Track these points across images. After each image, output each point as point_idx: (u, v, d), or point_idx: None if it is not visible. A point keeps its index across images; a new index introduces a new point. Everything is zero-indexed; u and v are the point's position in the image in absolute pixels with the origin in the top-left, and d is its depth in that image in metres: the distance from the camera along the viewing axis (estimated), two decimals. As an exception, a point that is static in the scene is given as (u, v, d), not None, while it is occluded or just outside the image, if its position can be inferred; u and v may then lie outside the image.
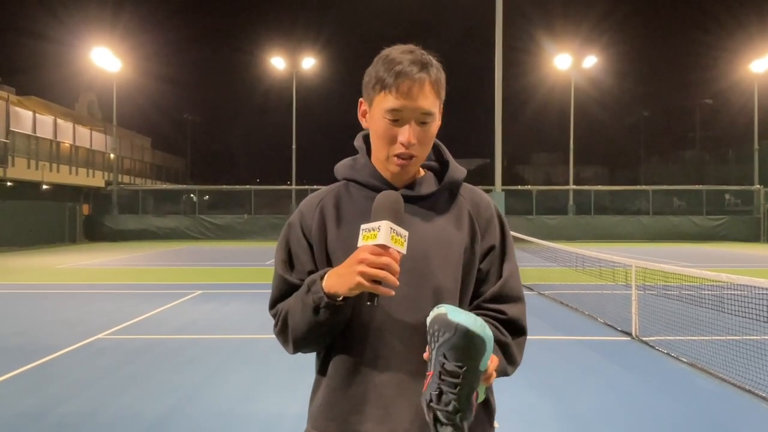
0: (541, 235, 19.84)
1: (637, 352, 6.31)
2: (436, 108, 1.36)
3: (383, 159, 1.38)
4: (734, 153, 39.49)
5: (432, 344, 1.15)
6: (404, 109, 1.31)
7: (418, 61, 1.32)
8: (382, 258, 1.18)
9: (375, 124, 1.37)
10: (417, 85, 1.30)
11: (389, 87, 1.31)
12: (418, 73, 1.30)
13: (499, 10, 16.76)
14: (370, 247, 1.20)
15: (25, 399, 4.70)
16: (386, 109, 1.32)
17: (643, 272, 7.71)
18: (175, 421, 4.23)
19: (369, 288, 1.19)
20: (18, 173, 23.92)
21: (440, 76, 1.36)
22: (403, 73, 1.30)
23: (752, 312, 5.55)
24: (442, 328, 1.12)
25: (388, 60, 1.33)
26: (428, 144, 1.38)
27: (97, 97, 44.61)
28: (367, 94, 1.38)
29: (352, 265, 1.21)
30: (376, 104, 1.35)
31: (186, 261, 18.13)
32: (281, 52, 34.09)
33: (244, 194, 31.05)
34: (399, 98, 1.31)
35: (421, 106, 1.31)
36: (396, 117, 1.32)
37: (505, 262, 1.43)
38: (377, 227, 1.21)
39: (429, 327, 1.16)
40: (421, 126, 1.33)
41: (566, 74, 33.26)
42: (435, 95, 1.34)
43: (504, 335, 1.36)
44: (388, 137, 1.34)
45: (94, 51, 29.51)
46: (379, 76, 1.33)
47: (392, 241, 1.20)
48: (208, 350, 6.39)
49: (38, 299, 10.16)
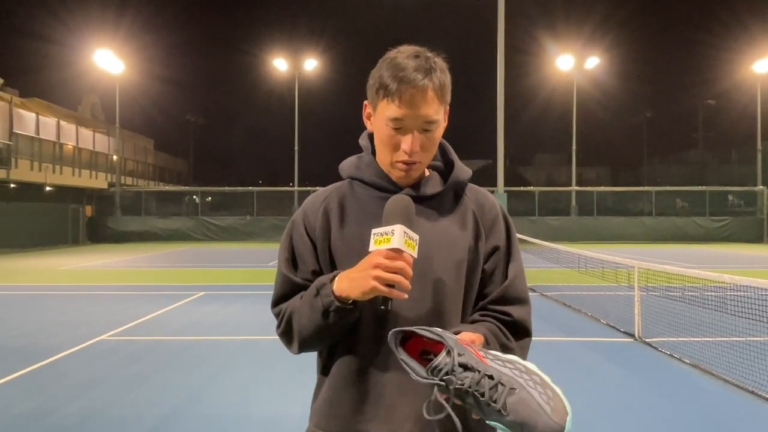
0: (544, 236, 19.82)
1: (640, 353, 6.29)
2: (440, 114, 1.34)
3: (387, 164, 1.38)
4: (737, 154, 39.37)
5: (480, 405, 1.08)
6: (406, 118, 1.30)
7: (422, 67, 1.29)
8: (397, 262, 1.18)
9: (378, 130, 1.36)
10: (420, 94, 1.28)
11: (392, 95, 1.29)
12: (422, 81, 1.28)
13: (501, 11, 16.76)
14: (384, 252, 1.19)
15: (28, 400, 4.70)
16: (389, 117, 1.31)
17: (646, 273, 7.69)
18: (178, 422, 4.23)
19: (384, 292, 1.18)
20: (21, 175, 23.98)
21: (445, 80, 1.33)
22: (406, 80, 1.28)
23: (755, 313, 5.53)
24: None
25: (393, 65, 1.30)
26: (432, 149, 1.37)
27: (100, 98, 44.74)
28: (371, 98, 1.37)
29: (366, 270, 1.20)
30: (380, 111, 1.34)
31: (188, 262, 18.15)
32: (284, 54, 34.18)
33: (247, 196, 31.10)
34: (402, 107, 1.29)
35: (424, 115, 1.30)
36: (399, 125, 1.31)
37: (511, 263, 1.42)
38: (391, 231, 1.20)
39: None
40: (425, 134, 1.32)
41: (569, 75, 33.25)
42: (439, 101, 1.32)
43: (508, 339, 1.35)
44: (391, 145, 1.34)
45: (97, 53, 29.62)
46: (383, 82, 1.31)
47: (405, 245, 1.20)
48: (210, 351, 6.39)
49: (41, 300, 10.18)
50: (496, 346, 1.30)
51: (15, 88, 32.91)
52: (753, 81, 31.78)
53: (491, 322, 1.36)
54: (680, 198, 32.28)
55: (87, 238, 28.11)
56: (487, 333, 1.30)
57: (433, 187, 1.42)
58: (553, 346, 6.62)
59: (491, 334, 1.32)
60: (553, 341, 6.86)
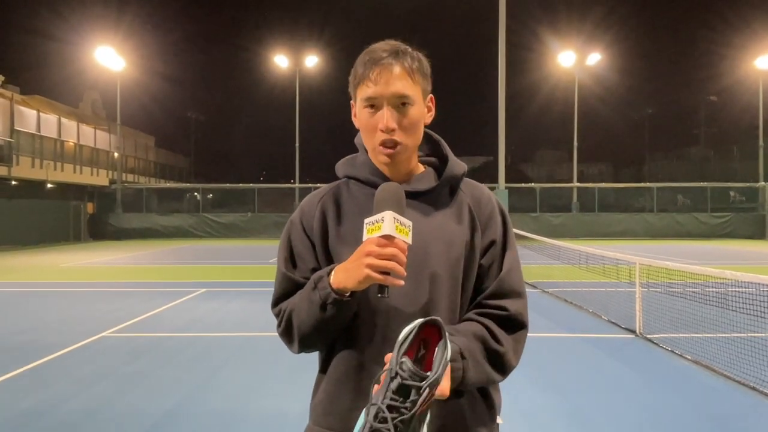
0: (545, 232, 19.83)
1: (641, 349, 6.30)
2: (414, 92, 1.35)
3: (372, 152, 1.39)
4: (739, 150, 39.28)
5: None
6: (378, 96, 1.32)
7: (391, 50, 1.34)
8: (388, 249, 1.18)
9: (359, 118, 1.39)
10: (387, 70, 1.32)
11: (364, 78, 1.33)
12: (388, 59, 1.32)
13: (502, 7, 16.71)
14: (375, 239, 1.20)
15: (29, 397, 4.72)
16: (362, 98, 1.35)
17: (647, 269, 7.69)
18: (178, 419, 4.24)
19: (379, 279, 1.19)
20: (22, 172, 24.01)
21: (417, 65, 1.36)
22: (373, 60, 1.32)
23: (756, 309, 5.54)
24: None
25: (364, 53, 1.36)
26: (413, 130, 1.36)
27: (101, 95, 44.72)
28: (352, 92, 1.41)
29: (359, 259, 1.21)
30: (357, 99, 1.38)
31: (190, 259, 18.18)
32: (284, 51, 34.17)
33: (248, 192, 31.11)
34: (370, 85, 1.32)
35: (394, 91, 1.32)
36: (371, 103, 1.34)
37: (506, 257, 1.42)
38: (380, 219, 1.20)
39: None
40: (399, 110, 1.33)
41: (570, 71, 33.21)
42: (410, 79, 1.34)
43: (498, 342, 1.32)
44: (369, 127, 1.36)
45: (98, 50, 29.62)
46: (356, 71, 1.36)
47: (397, 231, 1.20)
48: (211, 348, 6.41)
49: (43, 297, 10.20)
50: (478, 356, 1.28)
51: (16, 86, 32.88)
52: (755, 77, 31.72)
53: (483, 323, 1.34)
54: (682, 194, 32.26)
55: (88, 235, 28.15)
56: (469, 344, 1.28)
57: (428, 183, 1.42)
58: (554, 343, 6.63)
59: (476, 342, 1.30)
60: (554, 337, 6.87)
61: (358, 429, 1.08)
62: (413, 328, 1.13)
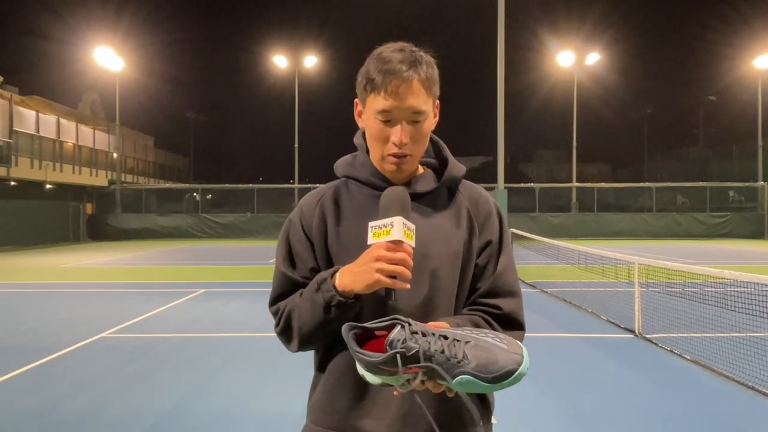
0: (544, 232, 19.84)
1: (640, 349, 6.30)
2: (428, 105, 1.35)
3: (378, 159, 1.39)
4: (738, 150, 39.30)
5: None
6: (394, 110, 1.31)
7: (407, 59, 1.31)
8: (398, 254, 1.20)
9: (368, 125, 1.38)
10: (405, 84, 1.30)
11: (378, 88, 1.31)
12: (407, 72, 1.30)
13: (501, 7, 16.72)
14: (384, 244, 1.21)
15: (28, 397, 4.71)
16: (377, 110, 1.32)
17: (647, 269, 7.70)
18: (178, 419, 4.24)
19: (388, 284, 1.20)
20: (21, 173, 23.99)
21: (431, 73, 1.34)
22: (391, 72, 1.29)
23: (756, 309, 5.54)
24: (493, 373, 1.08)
25: (378, 59, 1.33)
26: (422, 142, 1.37)
27: (100, 96, 44.73)
28: (360, 94, 1.39)
29: (368, 263, 1.22)
30: (368, 105, 1.36)
31: (189, 259, 18.17)
32: (284, 51, 34.15)
33: (247, 193, 31.09)
34: (388, 98, 1.30)
35: (411, 105, 1.31)
36: (387, 118, 1.32)
37: (501, 257, 1.43)
38: (390, 224, 1.21)
39: None
40: (413, 125, 1.33)
41: (569, 71, 33.23)
42: (426, 93, 1.33)
43: (495, 330, 1.34)
44: (381, 138, 1.35)
45: (97, 50, 29.61)
46: (369, 77, 1.33)
47: (405, 236, 1.21)
48: (210, 348, 6.40)
49: (42, 298, 10.19)
50: None
51: (15, 86, 32.90)
52: (754, 77, 31.74)
53: (478, 315, 1.36)
54: (681, 194, 32.28)
55: (87, 236, 28.13)
56: (463, 322, 1.30)
57: (428, 185, 1.43)
58: (553, 343, 6.63)
59: (470, 324, 1.31)
60: (553, 337, 6.87)
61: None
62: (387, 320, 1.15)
